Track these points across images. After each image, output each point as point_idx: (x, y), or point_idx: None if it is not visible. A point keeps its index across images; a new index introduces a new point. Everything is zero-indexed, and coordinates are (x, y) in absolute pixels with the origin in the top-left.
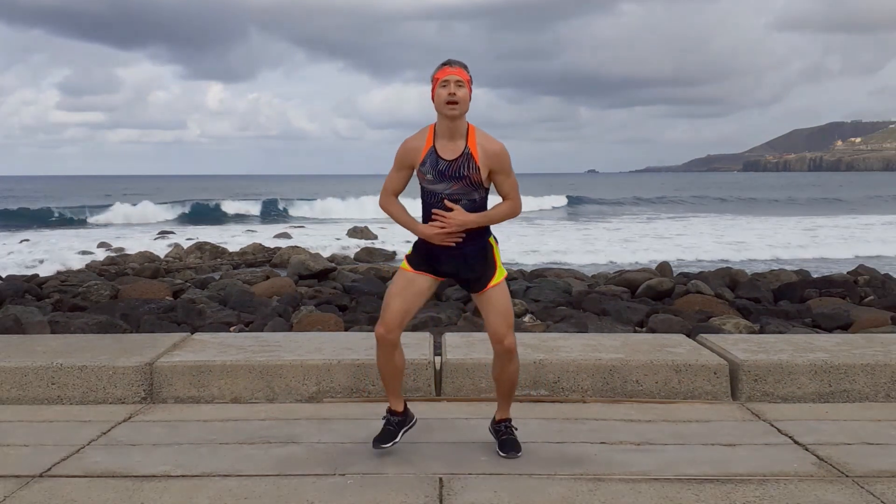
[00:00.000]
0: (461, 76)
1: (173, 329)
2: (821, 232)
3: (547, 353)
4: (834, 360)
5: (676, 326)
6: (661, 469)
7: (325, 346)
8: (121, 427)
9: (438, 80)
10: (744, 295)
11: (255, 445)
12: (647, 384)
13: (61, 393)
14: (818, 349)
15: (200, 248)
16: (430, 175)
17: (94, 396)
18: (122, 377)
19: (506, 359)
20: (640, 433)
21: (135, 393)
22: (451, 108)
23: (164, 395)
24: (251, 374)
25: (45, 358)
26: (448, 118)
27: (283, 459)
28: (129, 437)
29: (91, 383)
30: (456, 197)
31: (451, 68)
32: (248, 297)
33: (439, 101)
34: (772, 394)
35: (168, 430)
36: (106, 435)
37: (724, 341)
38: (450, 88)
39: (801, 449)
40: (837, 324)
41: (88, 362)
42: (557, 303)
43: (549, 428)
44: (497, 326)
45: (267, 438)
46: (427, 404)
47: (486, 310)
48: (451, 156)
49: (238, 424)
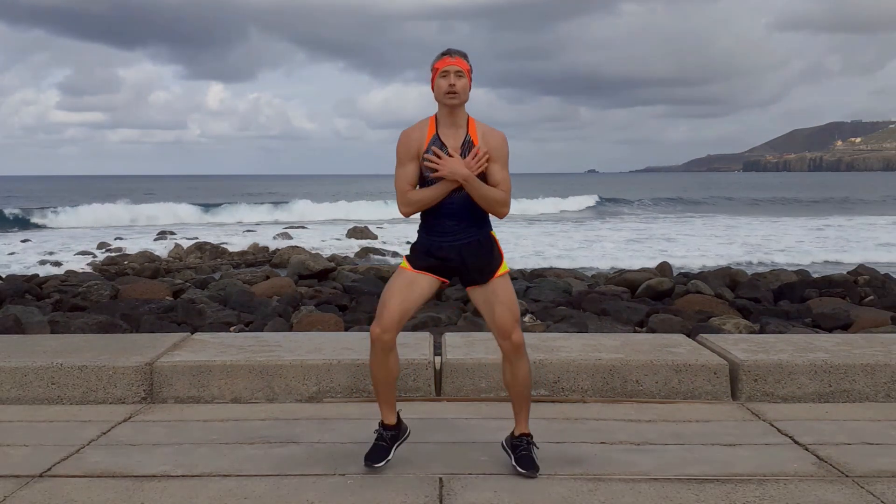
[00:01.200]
0: (461, 66)
1: (173, 329)
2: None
3: (547, 353)
4: (834, 360)
5: (676, 326)
6: (661, 469)
7: (325, 346)
8: (121, 427)
9: (438, 70)
10: (744, 295)
11: (255, 445)
12: (647, 384)
13: (61, 393)
14: (818, 349)
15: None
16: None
17: (94, 396)
18: (122, 377)
19: (514, 357)
20: (640, 433)
21: (135, 393)
22: (451, 97)
23: (164, 395)
24: (251, 374)
25: (45, 358)
26: (448, 107)
27: (283, 459)
28: (129, 438)
29: (91, 383)
30: (459, 185)
31: (450, 58)
32: (248, 297)
33: (439, 91)
34: (772, 394)
35: (168, 430)
36: (106, 435)
37: (724, 341)
38: (449, 79)
39: (801, 449)
40: (837, 324)
41: (88, 362)
42: (557, 303)
43: (549, 428)
44: (504, 319)
45: (267, 438)
46: (427, 404)
47: (492, 301)
48: (453, 143)
49: (238, 424)
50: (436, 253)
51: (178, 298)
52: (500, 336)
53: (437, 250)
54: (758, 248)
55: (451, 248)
